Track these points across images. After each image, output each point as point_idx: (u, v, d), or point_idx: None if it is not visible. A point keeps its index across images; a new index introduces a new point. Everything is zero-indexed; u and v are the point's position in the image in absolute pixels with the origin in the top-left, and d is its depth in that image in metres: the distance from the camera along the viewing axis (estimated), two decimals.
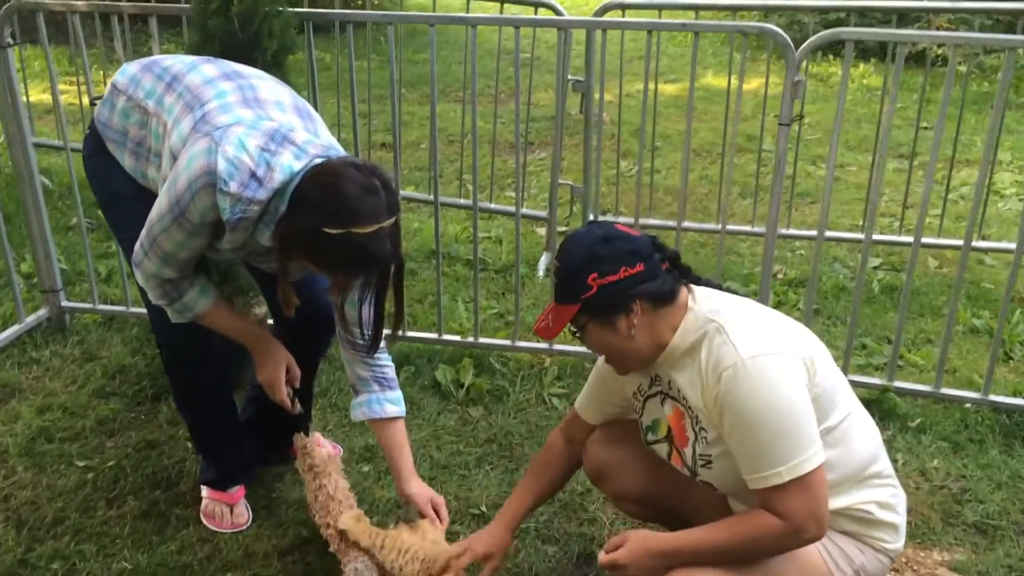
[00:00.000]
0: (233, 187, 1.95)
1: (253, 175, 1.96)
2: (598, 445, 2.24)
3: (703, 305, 1.91)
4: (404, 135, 5.73)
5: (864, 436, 1.94)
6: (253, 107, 2.10)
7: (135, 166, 2.26)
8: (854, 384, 2.33)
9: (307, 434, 2.39)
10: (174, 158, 2.07)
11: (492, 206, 4.66)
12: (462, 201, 4.48)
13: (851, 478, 1.90)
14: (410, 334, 3.35)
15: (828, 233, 4.19)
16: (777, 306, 3.86)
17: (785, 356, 1.80)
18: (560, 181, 4.16)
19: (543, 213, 4.30)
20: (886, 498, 1.94)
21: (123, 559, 2.42)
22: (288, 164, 1.99)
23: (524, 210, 4.31)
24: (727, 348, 1.81)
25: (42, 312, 3.53)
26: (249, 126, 2.03)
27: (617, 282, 1.84)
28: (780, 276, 4.14)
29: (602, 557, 1.91)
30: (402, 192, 3.96)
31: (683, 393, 1.92)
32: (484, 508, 2.64)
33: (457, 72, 7.04)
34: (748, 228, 4.48)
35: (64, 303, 3.52)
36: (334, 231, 1.90)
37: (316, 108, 2.88)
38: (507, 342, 3.33)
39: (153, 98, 2.20)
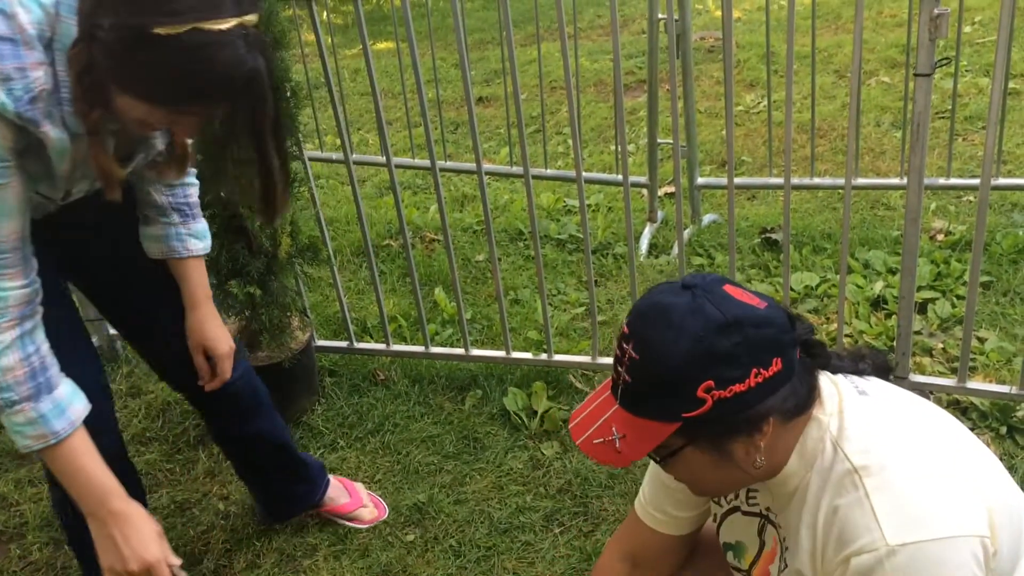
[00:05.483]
0: None
1: None
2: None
3: (829, 415, 1.24)
4: (507, 84, 5.12)
5: None
6: None
7: None
8: None
9: None
10: None
11: (587, 175, 4.07)
12: (549, 172, 3.88)
13: None
14: (474, 352, 2.85)
15: (1000, 180, 3.34)
16: (936, 281, 3.09)
17: (958, 543, 1.13)
18: (659, 140, 3.53)
19: (642, 179, 3.65)
20: None
21: None
22: None
23: (614, 176, 3.69)
24: (864, 518, 1.15)
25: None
26: None
27: (745, 394, 1.16)
28: (941, 238, 3.33)
29: None
30: (487, 167, 3.45)
31: (789, 540, 1.30)
32: None
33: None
34: (878, 180, 3.65)
35: (112, 331, 3.25)
36: (170, 30, 1.23)
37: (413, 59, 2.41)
38: (586, 359, 2.77)
39: None
